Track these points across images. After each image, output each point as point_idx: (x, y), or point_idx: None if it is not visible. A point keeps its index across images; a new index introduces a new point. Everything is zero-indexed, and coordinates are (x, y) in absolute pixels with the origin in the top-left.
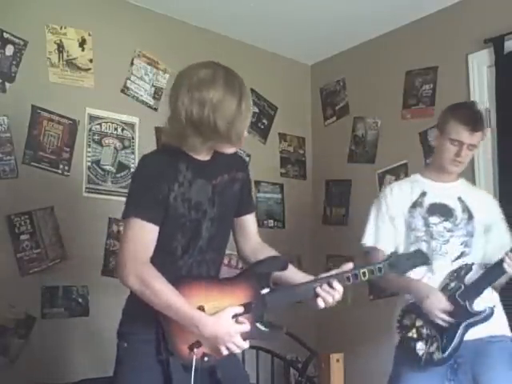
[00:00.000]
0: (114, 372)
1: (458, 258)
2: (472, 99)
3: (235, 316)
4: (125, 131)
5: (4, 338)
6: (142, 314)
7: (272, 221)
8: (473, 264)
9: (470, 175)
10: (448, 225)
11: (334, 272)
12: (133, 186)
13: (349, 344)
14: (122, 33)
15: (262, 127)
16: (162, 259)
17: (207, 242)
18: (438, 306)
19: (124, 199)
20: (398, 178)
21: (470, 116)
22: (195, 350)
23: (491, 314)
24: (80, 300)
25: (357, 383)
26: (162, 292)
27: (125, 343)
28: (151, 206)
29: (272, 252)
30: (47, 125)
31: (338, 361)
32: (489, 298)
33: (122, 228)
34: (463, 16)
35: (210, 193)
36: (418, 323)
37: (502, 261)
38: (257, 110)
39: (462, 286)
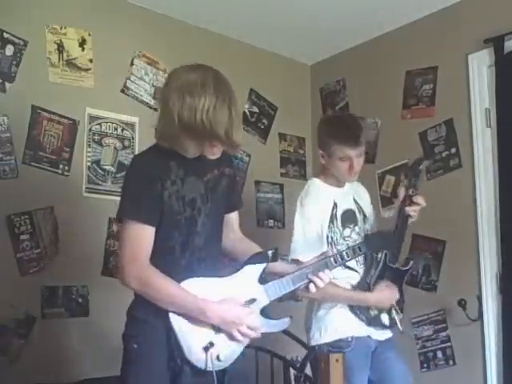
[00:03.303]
0: (123, 372)
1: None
2: (472, 99)
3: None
4: (125, 131)
5: (4, 338)
6: (150, 316)
7: (272, 221)
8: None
9: (470, 175)
10: (356, 228)
11: (318, 258)
12: (127, 186)
13: None
14: (121, 33)
15: (262, 127)
16: (163, 259)
17: (205, 239)
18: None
19: None
20: (398, 178)
21: (349, 135)
22: (210, 350)
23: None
24: (80, 300)
25: None
26: (164, 287)
27: (134, 344)
28: (147, 207)
29: (252, 244)
30: (47, 125)
31: (337, 361)
32: None
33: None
34: (463, 16)
35: (202, 189)
36: None
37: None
38: (257, 110)
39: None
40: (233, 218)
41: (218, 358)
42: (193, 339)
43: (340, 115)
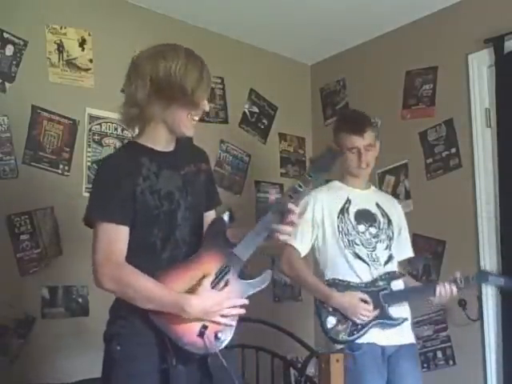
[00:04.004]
0: (104, 377)
1: (387, 262)
2: (472, 99)
3: (216, 285)
4: (125, 131)
5: (4, 338)
6: (134, 316)
7: None
8: (403, 275)
9: (470, 175)
10: (373, 230)
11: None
12: (95, 188)
13: None
14: (121, 33)
15: (262, 127)
16: (144, 257)
17: (189, 232)
18: (362, 308)
19: None
20: (398, 178)
21: (352, 123)
22: (206, 333)
23: (401, 323)
24: (80, 300)
25: None
26: (141, 285)
27: (117, 346)
28: (117, 207)
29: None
30: (47, 125)
31: (337, 361)
32: (404, 308)
33: None
34: (463, 16)
35: (179, 182)
36: None
37: (435, 285)
38: (257, 110)
39: (388, 289)
40: (211, 216)
41: (216, 337)
42: (184, 331)
43: (350, 110)
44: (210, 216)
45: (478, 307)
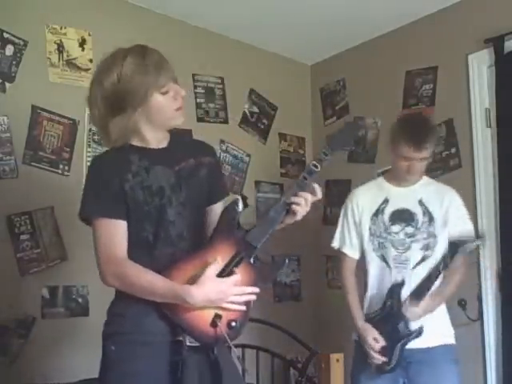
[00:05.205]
0: (101, 378)
1: (419, 263)
2: (472, 99)
3: (226, 273)
4: None
5: (4, 338)
6: (130, 315)
7: None
8: (403, 282)
9: (470, 175)
10: (409, 230)
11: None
12: (86, 186)
13: (349, 344)
14: (121, 33)
15: (262, 127)
16: (138, 252)
17: (187, 228)
18: (373, 345)
19: None
20: None
21: (414, 135)
22: (219, 324)
23: (420, 333)
24: (80, 300)
25: None
26: (142, 281)
27: (112, 346)
28: (109, 202)
29: None
30: (47, 125)
31: (338, 361)
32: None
33: None
34: (463, 16)
35: (172, 178)
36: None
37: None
38: (257, 110)
39: (395, 308)
40: (217, 208)
41: (229, 326)
42: (197, 320)
43: (416, 115)
44: (218, 208)
45: (477, 307)
